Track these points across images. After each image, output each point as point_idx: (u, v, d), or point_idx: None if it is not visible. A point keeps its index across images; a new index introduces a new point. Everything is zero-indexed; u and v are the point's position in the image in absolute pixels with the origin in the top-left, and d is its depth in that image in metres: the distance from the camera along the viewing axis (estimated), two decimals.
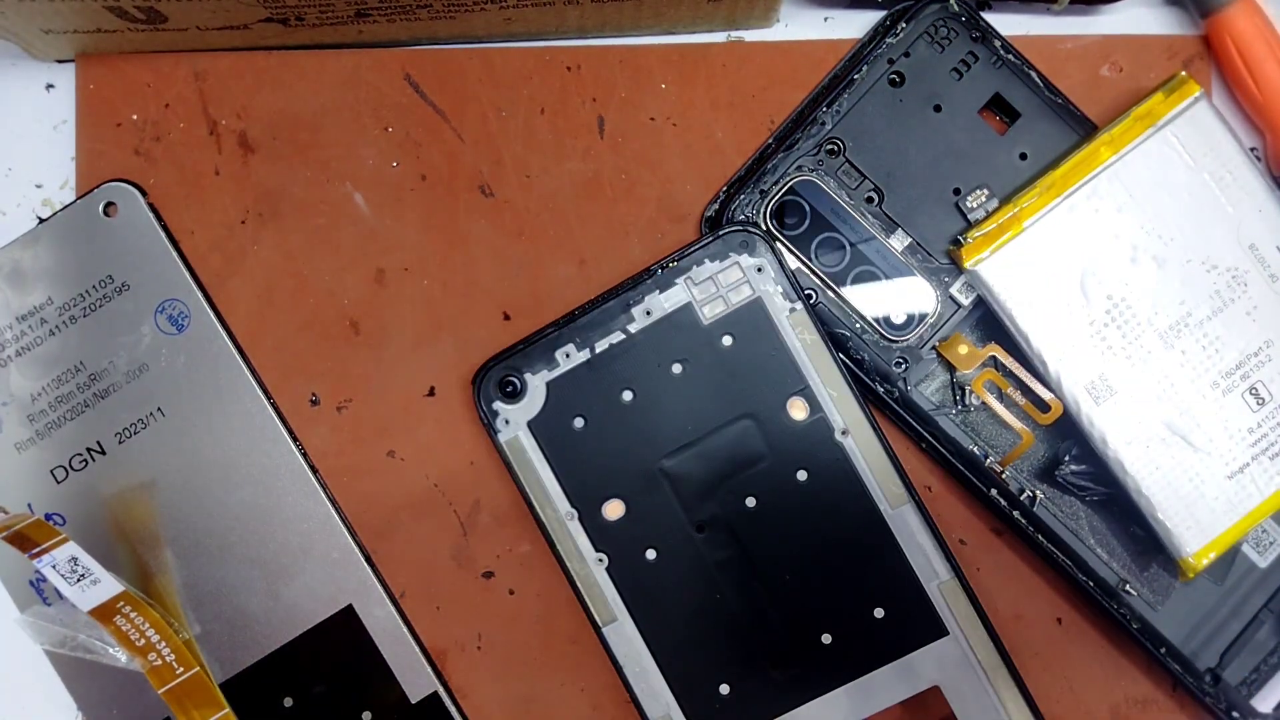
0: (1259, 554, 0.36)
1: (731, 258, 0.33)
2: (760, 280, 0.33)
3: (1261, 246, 0.35)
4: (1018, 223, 0.35)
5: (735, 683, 0.35)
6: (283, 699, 0.36)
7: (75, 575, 0.33)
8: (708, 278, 0.33)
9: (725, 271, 0.33)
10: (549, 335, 0.34)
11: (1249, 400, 0.35)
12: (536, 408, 0.34)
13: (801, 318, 0.34)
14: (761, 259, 0.33)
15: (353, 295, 0.37)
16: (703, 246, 0.33)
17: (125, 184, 0.37)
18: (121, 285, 0.36)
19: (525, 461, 0.35)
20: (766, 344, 0.34)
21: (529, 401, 0.34)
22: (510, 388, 0.34)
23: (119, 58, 0.37)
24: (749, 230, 0.33)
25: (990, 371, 0.36)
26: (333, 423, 0.37)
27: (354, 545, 0.37)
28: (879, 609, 0.35)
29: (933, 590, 0.35)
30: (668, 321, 0.34)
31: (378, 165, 0.38)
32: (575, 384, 0.35)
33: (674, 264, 0.33)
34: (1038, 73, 0.37)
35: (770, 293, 0.33)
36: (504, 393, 0.34)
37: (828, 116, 0.36)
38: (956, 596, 0.35)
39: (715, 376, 0.34)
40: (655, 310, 0.33)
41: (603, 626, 0.35)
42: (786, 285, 0.33)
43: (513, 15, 0.36)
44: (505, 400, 0.34)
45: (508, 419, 0.34)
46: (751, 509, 0.35)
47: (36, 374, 0.36)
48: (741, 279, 0.33)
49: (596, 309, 0.34)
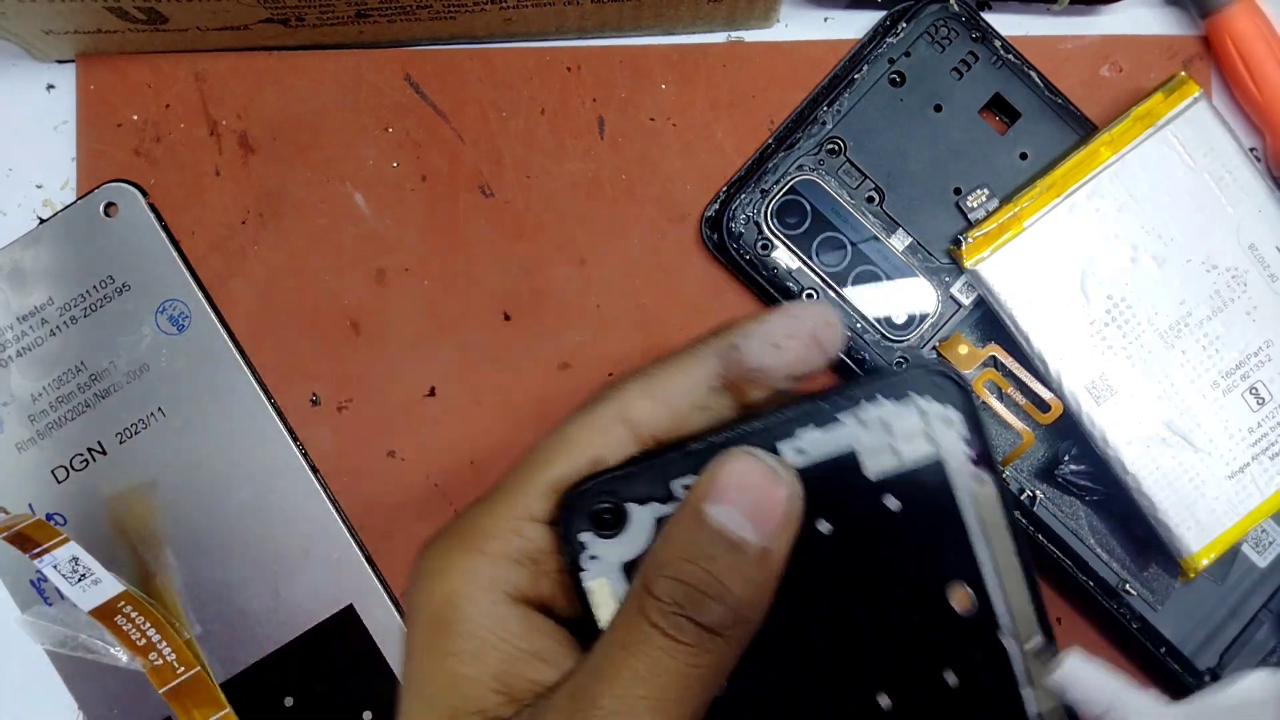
0: (1259, 554, 0.36)
1: (911, 399, 0.25)
2: (945, 435, 0.26)
3: (1261, 246, 0.35)
4: (1018, 223, 0.35)
5: None
6: (284, 698, 0.36)
7: (76, 575, 0.33)
8: (879, 420, 0.26)
9: (902, 418, 0.26)
10: (667, 458, 0.25)
11: (1249, 400, 0.35)
12: (638, 547, 0.26)
13: (990, 494, 0.26)
14: (950, 409, 0.26)
15: (353, 295, 0.38)
16: (881, 381, 0.26)
17: (126, 184, 0.37)
18: (122, 285, 0.36)
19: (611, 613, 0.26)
20: (938, 516, 0.27)
21: (629, 537, 0.26)
22: (607, 518, 0.26)
23: (119, 58, 0.37)
24: (944, 373, 0.25)
25: (990, 371, 0.36)
26: (333, 423, 0.37)
27: (355, 545, 0.37)
28: None
29: None
30: (822, 468, 0.26)
31: (378, 165, 0.38)
32: None
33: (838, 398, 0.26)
34: (1038, 73, 0.37)
35: (954, 453, 0.26)
36: (598, 523, 0.26)
37: (828, 116, 0.36)
38: None
39: (869, 546, 0.27)
40: (811, 451, 0.26)
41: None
42: (980, 448, 0.26)
43: (513, 15, 0.36)
44: (599, 532, 0.26)
45: (596, 555, 0.26)
46: (886, 710, 0.27)
47: (37, 374, 0.36)
48: (920, 429, 0.26)
49: (734, 434, 0.26)
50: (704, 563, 0.22)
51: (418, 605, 0.24)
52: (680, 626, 0.22)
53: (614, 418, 0.25)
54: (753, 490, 0.23)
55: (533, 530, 0.24)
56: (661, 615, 0.22)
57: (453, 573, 0.24)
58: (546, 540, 0.24)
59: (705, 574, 0.22)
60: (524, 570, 0.24)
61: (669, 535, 0.23)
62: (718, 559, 0.22)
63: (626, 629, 0.23)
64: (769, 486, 0.23)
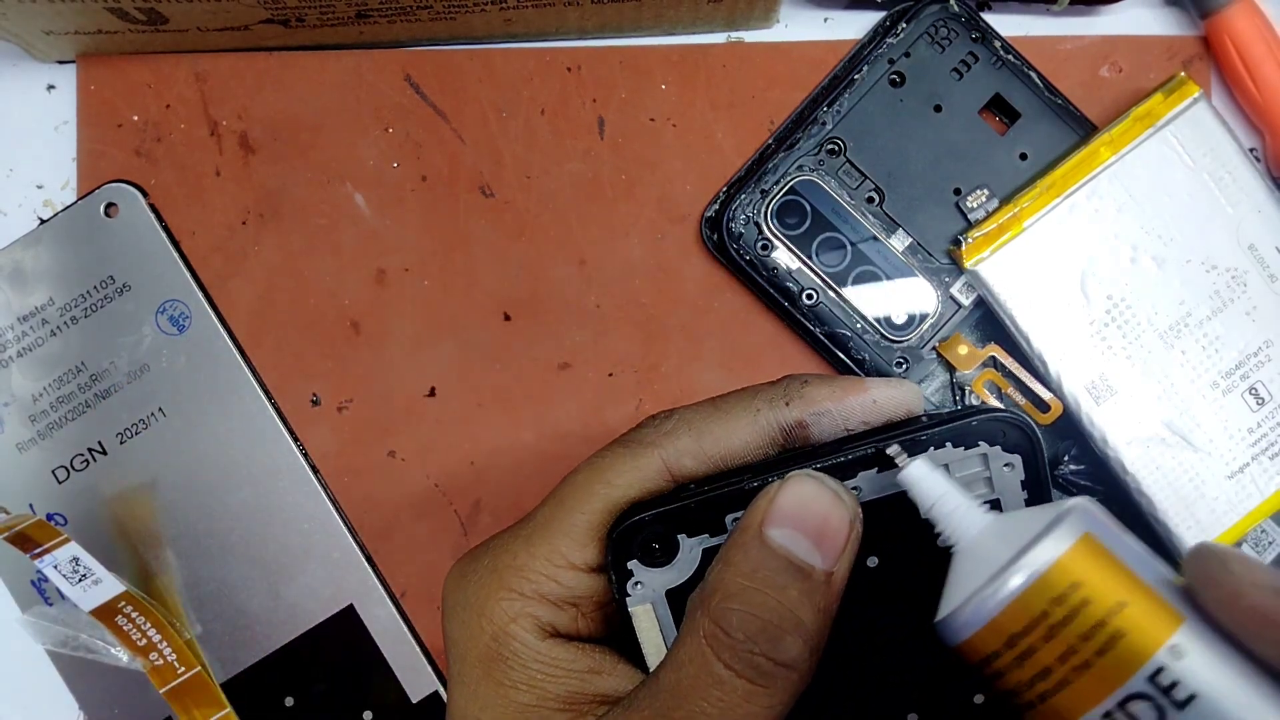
0: (1259, 554, 0.36)
1: (980, 447, 0.25)
2: (1005, 479, 0.26)
3: (1261, 246, 0.35)
4: (1018, 223, 0.35)
5: None
6: (284, 698, 0.36)
7: (77, 575, 0.33)
8: (942, 464, 0.25)
9: (964, 460, 0.25)
10: (724, 494, 0.25)
11: (1249, 400, 0.35)
12: (684, 576, 0.26)
13: None
14: (1014, 455, 0.25)
15: (353, 295, 0.38)
16: (951, 428, 0.25)
17: (126, 185, 0.37)
18: (123, 286, 0.36)
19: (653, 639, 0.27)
20: None
21: (676, 567, 0.26)
22: (657, 548, 0.26)
23: (120, 59, 0.38)
24: (1014, 420, 0.25)
25: (990, 371, 0.36)
26: (333, 423, 0.37)
27: (355, 545, 0.37)
28: None
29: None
30: (878, 506, 0.26)
31: (378, 166, 0.38)
32: None
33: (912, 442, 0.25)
34: (1038, 73, 0.37)
35: (1012, 496, 0.26)
36: (647, 553, 0.26)
37: (828, 116, 0.36)
38: None
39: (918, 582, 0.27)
40: (867, 490, 0.25)
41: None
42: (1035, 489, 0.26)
43: (513, 16, 0.36)
44: (646, 562, 0.26)
45: (642, 581, 0.26)
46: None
47: (38, 374, 0.36)
48: (981, 472, 0.25)
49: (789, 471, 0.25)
50: (775, 593, 0.21)
51: (462, 640, 0.24)
52: (759, 668, 0.21)
53: (659, 469, 0.24)
54: (816, 514, 0.22)
55: (570, 577, 0.24)
56: (736, 656, 0.21)
57: (495, 613, 0.24)
58: (584, 585, 0.24)
59: (779, 605, 0.21)
60: (563, 613, 0.24)
61: (731, 562, 0.22)
62: (788, 588, 0.21)
63: (695, 667, 0.22)
64: (833, 510, 0.22)
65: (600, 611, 0.25)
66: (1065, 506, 0.22)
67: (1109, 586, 0.21)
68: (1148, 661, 0.20)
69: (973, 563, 0.22)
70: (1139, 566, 0.21)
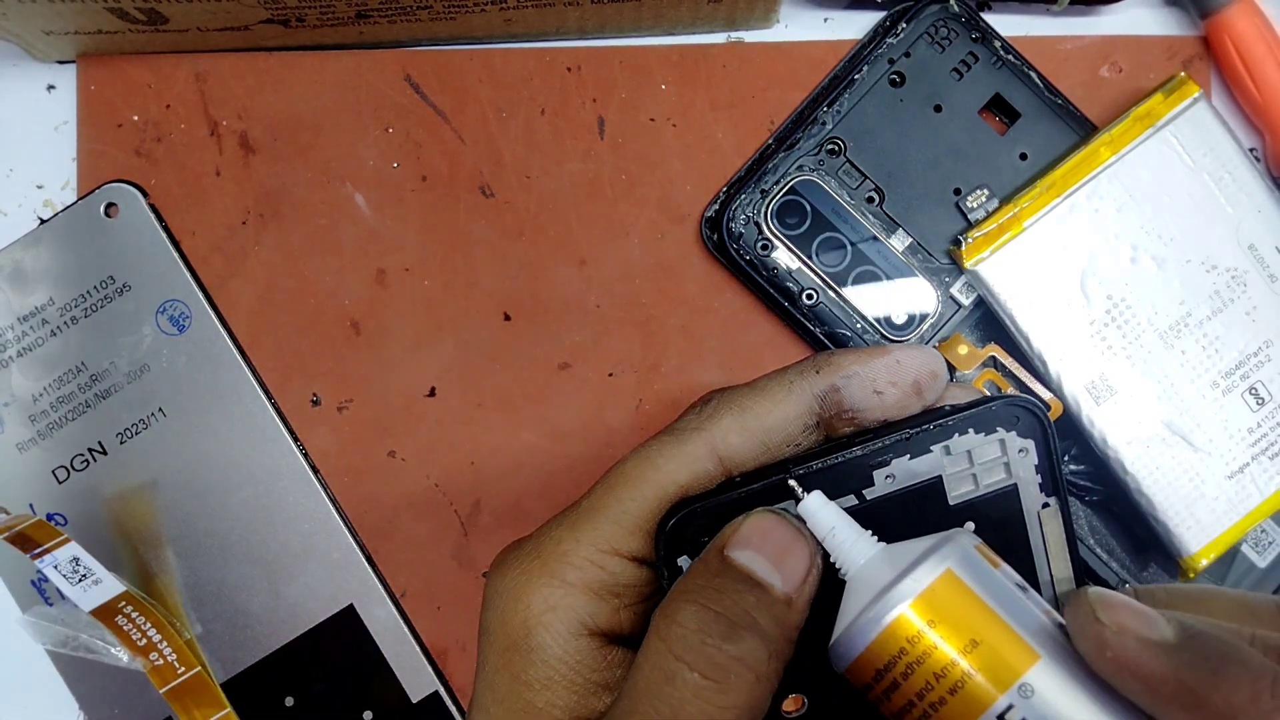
0: (1258, 554, 0.36)
1: (998, 433, 0.26)
2: (1020, 464, 0.27)
3: (1261, 246, 0.35)
4: (1018, 223, 0.35)
5: None
6: (284, 698, 0.36)
7: (77, 575, 0.33)
8: (964, 450, 0.26)
9: (983, 446, 0.26)
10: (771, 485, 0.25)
11: (1249, 400, 0.35)
12: None
13: (1053, 515, 0.28)
14: (1028, 440, 0.27)
15: (353, 295, 0.38)
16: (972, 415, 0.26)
17: (126, 185, 0.37)
18: (123, 286, 0.36)
19: None
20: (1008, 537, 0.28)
21: None
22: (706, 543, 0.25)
23: (120, 59, 0.38)
24: (1028, 406, 0.26)
25: (990, 371, 0.36)
26: (333, 423, 0.37)
27: (355, 545, 0.37)
28: None
29: None
30: (910, 494, 0.26)
31: (378, 166, 0.38)
32: None
33: (936, 427, 0.26)
34: (1038, 73, 0.37)
35: (1027, 481, 0.27)
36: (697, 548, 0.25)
37: (828, 116, 0.36)
38: None
39: None
40: (900, 477, 0.26)
41: None
42: (1048, 474, 0.27)
43: (513, 16, 0.36)
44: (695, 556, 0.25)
45: None
46: None
47: (38, 374, 0.36)
48: (998, 458, 0.27)
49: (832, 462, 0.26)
50: (732, 595, 0.21)
51: (494, 627, 0.24)
52: (711, 659, 0.21)
53: (707, 451, 0.24)
54: (778, 542, 0.22)
55: (616, 565, 0.24)
56: (688, 648, 0.21)
57: (533, 600, 0.23)
58: (629, 575, 0.24)
59: (735, 605, 0.21)
60: (604, 604, 0.24)
61: (691, 572, 0.22)
62: (745, 594, 0.22)
63: (649, 665, 0.21)
64: (793, 540, 0.23)
65: (643, 605, 0.24)
66: (940, 539, 0.22)
67: (962, 625, 0.21)
68: (996, 701, 0.20)
69: (856, 593, 0.22)
70: (1002, 604, 0.21)
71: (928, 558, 0.22)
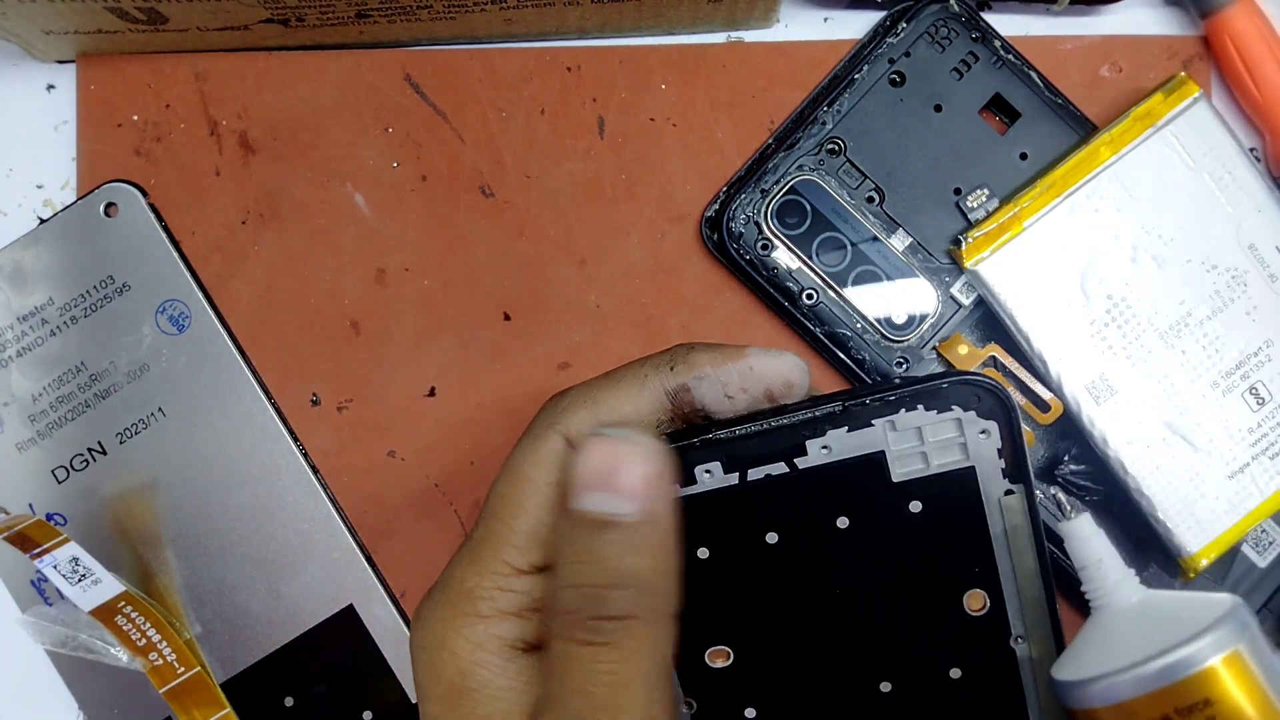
0: (1259, 554, 0.36)
1: (954, 412, 0.25)
2: (980, 446, 0.26)
3: (1261, 246, 0.35)
4: (1018, 223, 0.35)
5: None
6: (284, 698, 0.36)
7: (76, 575, 0.33)
8: (913, 427, 0.26)
9: (936, 425, 0.25)
10: (690, 445, 0.26)
11: (1249, 400, 0.35)
12: None
13: (1016, 503, 0.27)
14: (990, 422, 0.26)
15: (353, 295, 0.38)
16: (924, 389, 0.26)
17: (126, 184, 0.37)
18: (122, 285, 0.36)
19: None
20: (963, 522, 0.27)
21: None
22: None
23: (120, 58, 0.38)
24: (986, 386, 0.25)
25: (990, 371, 0.36)
26: (333, 423, 0.37)
27: (355, 545, 0.37)
28: None
29: None
30: (848, 467, 0.26)
31: (378, 165, 0.38)
32: (711, 510, 0.27)
33: (877, 404, 0.25)
34: (1038, 73, 0.37)
35: (987, 464, 0.26)
36: None
37: (828, 116, 0.36)
38: None
39: (887, 543, 0.27)
40: (837, 449, 0.26)
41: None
42: (1012, 460, 0.26)
43: (513, 16, 0.36)
44: None
45: None
46: (885, 694, 0.28)
47: (38, 374, 0.36)
48: (955, 438, 0.26)
49: (761, 430, 0.26)
50: (588, 558, 0.22)
51: (427, 680, 0.24)
52: (594, 629, 0.22)
53: (563, 444, 0.25)
54: (607, 467, 0.22)
55: (524, 583, 0.24)
56: (575, 628, 0.22)
57: (457, 644, 0.24)
58: (540, 587, 0.24)
59: (593, 568, 0.22)
60: (527, 622, 0.24)
61: (558, 548, 0.23)
62: (596, 545, 0.22)
63: (554, 657, 0.23)
64: (623, 456, 0.23)
65: None
66: (1221, 609, 0.23)
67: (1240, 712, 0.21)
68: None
69: (1113, 638, 0.23)
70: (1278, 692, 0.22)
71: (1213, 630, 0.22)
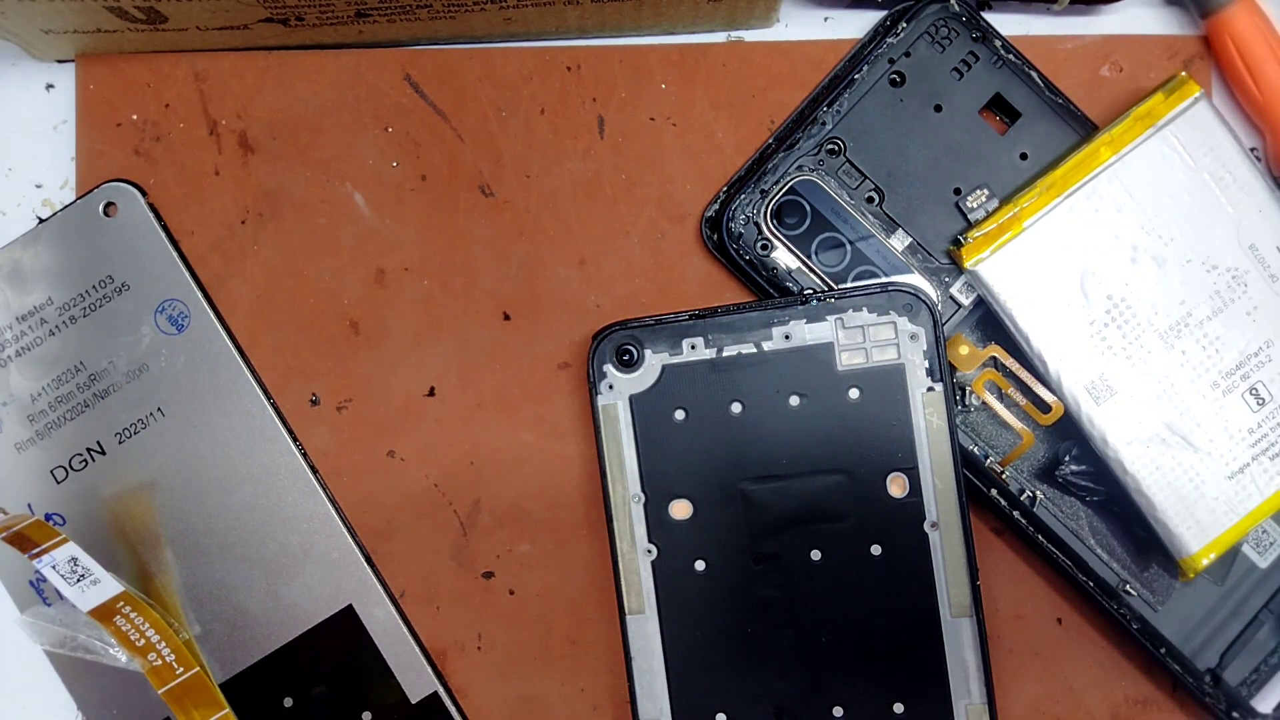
0: (1259, 554, 0.36)
1: (891, 316, 0.33)
2: (910, 348, 0.32)
3: (1261, 246, 0.35)
4: (1018, 223, 0.35)
5: (732, 716, 0.35)
6: (283, 699, 0.36)
7: (75, 575, 0.33)
8: (858, 325, 0.32)
9: (878, 326, 0.32)
10: (682, 322, 0.34)
11: (1249, 400, 0.35)
12: (645, 385, 0.34)
13: (936, 399, 0.33)
14: (919, 327, 0.32)
15: (353, 295, 0.38)
16: (866, 294, 0.33)
17: (125, 184, 0.37)
18: (121, 285, 0.36)
19: (614, 433, 0.34)
20: (891, 412, 0.33)
21: (640, 376, 0.34)
22: (627, 357, 0.34)
23: (119, 58, 0.37)
24: (919, 296, 0.32)
25: (991, 372, 0.36)
26: (333, 423, 0.37)
27: (354, 545, 0.37)
28: (900, 704, 0.34)
29: (960, 709, 0.34)
30: (803, 353, 0.33)
31: (378, 165, 0.38)
32: (690, 377, 0.34)
33: (831, 300, 0.33)
34: (1038, 73, 0.37)
35: (914, 363, 0.33)
36: (619, 360, 0.34)
37: (828, 116, 0.36)
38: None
39: (829, 423, 0.33)
40: (795, 338, 0.33)
41: (628, 614, 0.35)
42: (934, 362, 0.33)
43: (513, 15, 0.36)
44: (618, 367, 0.34)
45: (613, 384, 0.34)
46: (815, 562, 0.34)
47: (36, 374, 0.36)
48: (891, 339, 0.32)
49: (737, 314, 0.33)
50: None
51: None
52: None
53: None
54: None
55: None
56: None
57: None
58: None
59: None
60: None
61: None
62: None
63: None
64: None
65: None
66: None
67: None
68: None
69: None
70: None
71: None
